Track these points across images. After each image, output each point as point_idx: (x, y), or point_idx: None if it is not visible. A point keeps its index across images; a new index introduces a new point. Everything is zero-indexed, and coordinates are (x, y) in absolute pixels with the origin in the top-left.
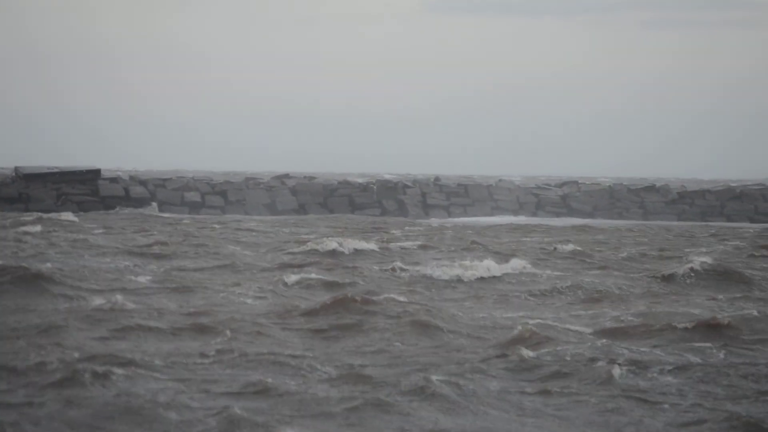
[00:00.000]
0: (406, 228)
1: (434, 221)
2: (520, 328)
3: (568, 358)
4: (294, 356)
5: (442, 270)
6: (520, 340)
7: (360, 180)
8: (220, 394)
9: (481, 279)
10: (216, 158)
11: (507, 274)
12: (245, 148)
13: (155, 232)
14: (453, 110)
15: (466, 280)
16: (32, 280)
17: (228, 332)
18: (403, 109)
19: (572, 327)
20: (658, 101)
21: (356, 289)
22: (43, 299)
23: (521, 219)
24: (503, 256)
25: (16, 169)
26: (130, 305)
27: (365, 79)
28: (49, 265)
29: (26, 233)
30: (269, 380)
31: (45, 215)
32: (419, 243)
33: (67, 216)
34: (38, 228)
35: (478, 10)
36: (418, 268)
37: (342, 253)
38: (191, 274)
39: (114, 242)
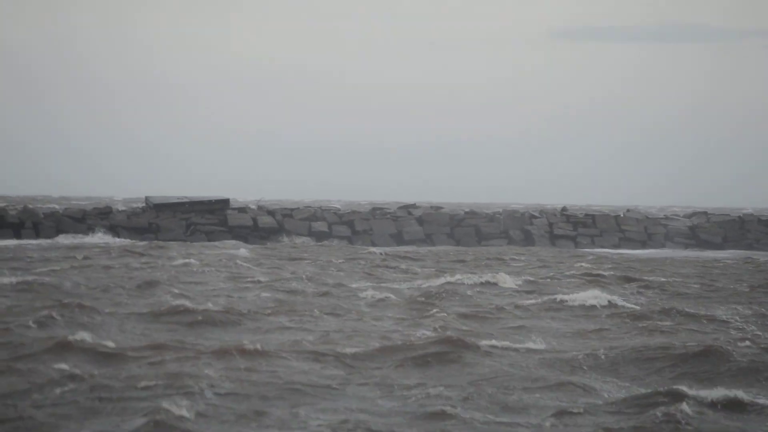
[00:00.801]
0: (560, 259)
1: (590, 252)
2: None
3: None
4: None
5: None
6: None
7: (487, 210)
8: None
9: None
10: (342, 189)
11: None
12: (371, 179)
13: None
14: (578, 136)
15: None
16: None
17: None
18: (528, 137)
19: None
20: None
21: None
22: None
23: (653, 251)
24: None
25: (147, 199)
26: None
27: (491, 106)
28: None
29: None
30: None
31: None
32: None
33: (237, 249)
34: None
35: (604, 37)
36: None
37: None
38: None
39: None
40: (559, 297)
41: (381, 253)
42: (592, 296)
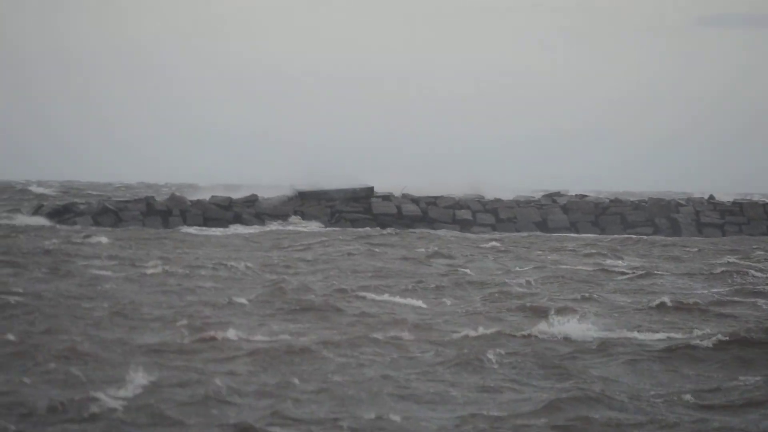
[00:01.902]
0: None
1: None
2: None
3: None
4: None
5: None
6: None
7: (632, 198)
8: None
9: None
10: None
11: None
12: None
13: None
14: (727, 125)
15: None
16: None
17: None
18: (673, 126)
19: None
20: None
21: None
22: None
23: None
24: None
25: (292, 187)
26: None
27: (632, 96)
28: None
29: None
30: None
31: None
32: None
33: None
34: None
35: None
36: None
37: None
38: None
39: None
40: None
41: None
42: None
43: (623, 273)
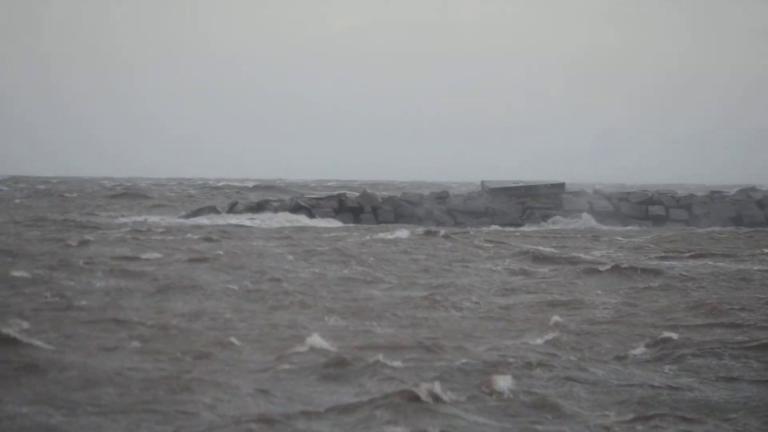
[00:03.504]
0: None
1: None
2: None
3: None
4: None
5: None
6: None
7: None
8: None
9: None
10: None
11: None
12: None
13: None
14: None
15: None
16: None
17: None
18: None
19: None
20: None
21: None
22: None
23: None
24: None
25: (482, 183)
26: None
27: None
28: None
29: None
30: None
31: None
32: None
33: None
34: None
35: None
36: None
37: None
38: None
39: None
40: None
41: None
42: None
43: None
